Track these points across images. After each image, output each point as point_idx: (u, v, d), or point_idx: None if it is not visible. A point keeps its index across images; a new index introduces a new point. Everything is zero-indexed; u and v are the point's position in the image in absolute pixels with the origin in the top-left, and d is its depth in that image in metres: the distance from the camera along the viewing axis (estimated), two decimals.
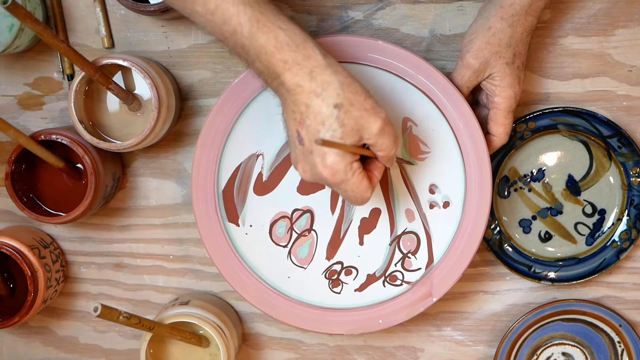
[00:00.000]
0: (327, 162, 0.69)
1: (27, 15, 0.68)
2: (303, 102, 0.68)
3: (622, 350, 0.91)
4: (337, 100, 0.68)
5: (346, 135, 0.69)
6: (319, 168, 0.70)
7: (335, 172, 0.70)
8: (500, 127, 0.83)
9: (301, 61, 0.68)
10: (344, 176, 0.70)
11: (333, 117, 0.68)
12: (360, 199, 0.73)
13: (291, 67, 0.68)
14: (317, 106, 0.68)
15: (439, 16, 0.88)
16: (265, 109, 0.85)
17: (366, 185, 0.72)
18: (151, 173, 0.93)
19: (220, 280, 0.93)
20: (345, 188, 0.71)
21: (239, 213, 0.88)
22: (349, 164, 0.70)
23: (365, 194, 0.72)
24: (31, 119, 0.93)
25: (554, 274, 0.90)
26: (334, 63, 0.69)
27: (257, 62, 0.69)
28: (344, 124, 0.68)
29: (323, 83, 0.68)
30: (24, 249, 0.87)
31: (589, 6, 0.88)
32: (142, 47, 0.90)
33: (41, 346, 0.96)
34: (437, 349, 0.94)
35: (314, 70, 0.68)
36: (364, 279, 0.88)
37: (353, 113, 0.69)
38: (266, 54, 0.68)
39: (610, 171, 0.89)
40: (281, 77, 0.68)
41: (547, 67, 0.89)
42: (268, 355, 0.95)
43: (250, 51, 0.68)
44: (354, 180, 0.71)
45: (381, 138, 0.70)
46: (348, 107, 0.68)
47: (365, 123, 0.69)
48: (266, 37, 0.67)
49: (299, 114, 0.69)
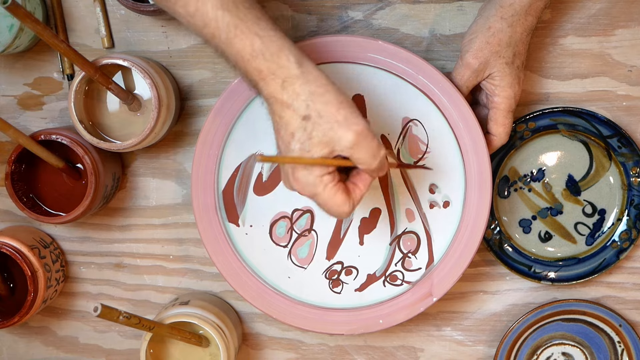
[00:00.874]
0: (296, 175, 0.68)
1: (27, 15, 0.68)
2: (277, 112, 0.67)
3: (622, 350, 0.91)
4: (305, 111, 0.66)
5: (314, 147, 0.67)
6: (290, 180, 0.69)
7: (304, 186, 0.68)
8: (500, 127, 0.83)
9: (275, 70, 0.66)
10: (314, 189, 0.68)
11: (301, 130, 0.66)
12: (336, 212, 0.70)
13: (265, 77, 0.67)
14: (288, 117, 0.67)
15: (439, 16, 0.88)
16: (265, 109, 0.85)
17: (341, 199, 0.69)
18: (151, 173, 0.93)
19: (220, 280, 0.93)
20: (318, 201, 0.70)
21: (239, 213, 0.88)
22: (319, 177, 0.68)
23: (341, 207, 0.69)
24: (31, 119, 0.93)
25: (554, 274, 0.90)
26: (309, 71, 0.67)
27: (236, 68, 0.68)
28: (312, 136, 0.66)
29: (293, 94, 0.66)
30: (24, 249, 0.87)
31: (589, 6, 0.88)
32: (142, 47, 0.90)
33: (41, 346, 0.96)
34: (437, 349, 0.94)
35: (286, 81, 0.66)
36: (364, 278, 0.88)
37: (322, 125, 0.66)
38: (242, 60, 0.67)
39: (610, 171, 0.89)
40: (258, 85, 0.68)
41: (547, 67, 0.89)
42: (268, 355, 0.95)
43: (229, 57, 0.68)
44: (325, 194, 0.69)
45: (357, 152, 0.67)
46: (316, 119, 0.66)
47: (334, 135, 0.66)
48: (242, 44, 0.66)
49: (275, 123, 0.68)
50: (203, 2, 0.66)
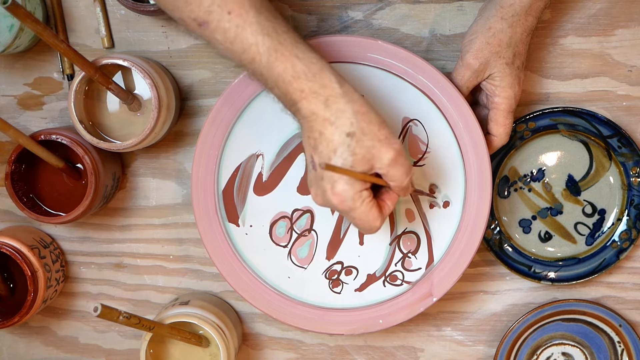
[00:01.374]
0: (336, 189, 0.70)
1: (27, 15, 0.68)
2: (317, 129, 0.69)
3: (622, 350, 0.91)
4: (350, 128, 0.69)
5: (357, 163, 0.69)
6: (329, 194, 0.71)
7: (343, 200, 0.70)
8: (500, 128, 0.83)
9: (317, 90, 0.69)
10: (352, 204, 0.71)
11: (345, 146, 0.69)
12: (369, 227, 0.73)
13: (307, 96, 0.69)
14: (329, 134, 0.69)
15: (439, 16, 0.88)
16: (265, 109, 0.85)
17: (375, 215, 0.72)
18: (151, 173, 0.93)
19: (220, 280, 0.93)
20: (353, 216, 0.72)
21: (239, 213, 0.88)
22: (358, 192, 0.70)
23: (374, 223, 0.73)
24: (31, 119, 0.93)
25: (554, 274, 0.90)
26: (351, 92, 0.70)
27: (275, 89, 0.70)
28: (355, 152, 0.69)
29: (337, 111, 0.69)
30: (24, 249, 0.87)
31: (589, 6, 0.88)
32: (142, 47, 0.90)
33: (41, 346, 0.96)
34: (437, 349, 0.94)
35: (329, 99, 0.69)
36: (364, 278, 0.88)
37: (365, 142, 0.69)
38: (284, 82, 0.69)
39: (610, 171, 0.89)
40: (297, 104, 0.69)
41: (547, 67, 0.89)
42: (268, 355, 0.95)
43: (269, 79, 0.70)
44: (362, 208, 0.71)
45: (393, 169, 0.71)
46: (360, 136, 0.69)
47: (377, 153, 0.70)
48: (284, 67, 0.69)
49: (313, 140, 0.70)
50: (243, 28, 0.68)
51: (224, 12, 0.68)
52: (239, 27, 0.68)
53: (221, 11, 0.68)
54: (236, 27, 0.68)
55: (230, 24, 0.68)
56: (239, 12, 0.68)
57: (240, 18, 0.68)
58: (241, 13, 0.68)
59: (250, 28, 0.68)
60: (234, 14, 0.68)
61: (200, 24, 0.69)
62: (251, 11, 0.69)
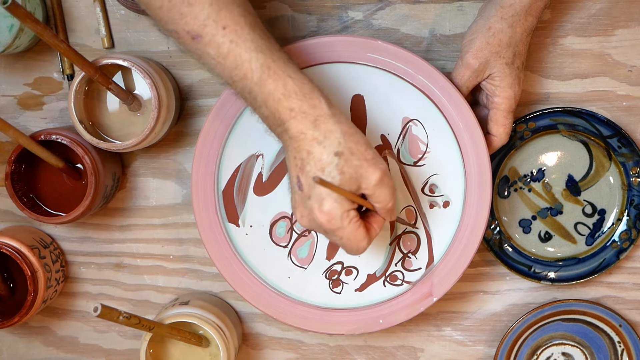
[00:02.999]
0: (324, 207, 0.70)
1: (27, 15, 0.68)
2: (305, 148, 0.70)
3: (622, 350, 0.91)
4: (338, 148, 0.69)
5: (344, 183, 0.70)
6: (316, 213, 0.70)
7: (331, 219, 0.70)
8: (500, 128, 0.83)
9: (307, 110, 0.69)
10: (339, 223, 0.71)
11: (333, 165, 0.69)
12: (355, 248, 0.73)
13: (296, 115, 0.69)
14: (318, 153, 0.69)
15: (439, 16, 0.88)
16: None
17: (362, 235, 0.72)
18: (151, 173, 0.93)
19: (220, 280, 0.93)
20: (340, 235, 0.72)
21: (239, 213, 0.88)
22: (346, 212, 0.70)
23: (360, 243, 0.73)
24: (31, 119, 0.93)
25: (554, 274, 0.90)
26: (338, 113, 0.71)
27: (263, 108, 0.71)
28: (343, 171, 0.69)
29: (326, 131, 0.69)
30: (24, 249, 0.87)
31: (589, 6, 0.88)
32: (142, 47, 0.90)
33: (41, 346, 0.96)
34: (437, 349, 0.94)
35: (318, 119, 0.69)
36: (364, 279, 0.88)
37: (353, 162, 0.70)
38: (274, 100, 0.69)
39: (610, 171, 0.89)
40: (286, 124, 0.70)
41: (547, 67, 0.89)
42: (268, 355, 0.95)
43: (258, 97, 0.70)
44: (349, 228, 0.71)
45: (379, 189, 0.71)
46: (348, 156, 0.69)
47: (364, 172, 0.70)
48: (275, 85, 0.69)
49: (300, 160, 0.70)
50: (237, 44, 0.69)
51: (218, 26, 0.68)
52: (232, 42, 0.69)
53: (216, 26, 0.68)
54: (230, 42, 0.69)
55: (225, 39, 0.69)
56: (233, 27, 0.69)
57: (234, 34, 0.69)
58: (236, 29, 0.69)
59: (245, 44, 0.69)
60: (228, 30, 0.69)
61: (193, 37, 0.69)
62: (246, 27, 0.69)
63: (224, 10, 0.69)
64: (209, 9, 0.68)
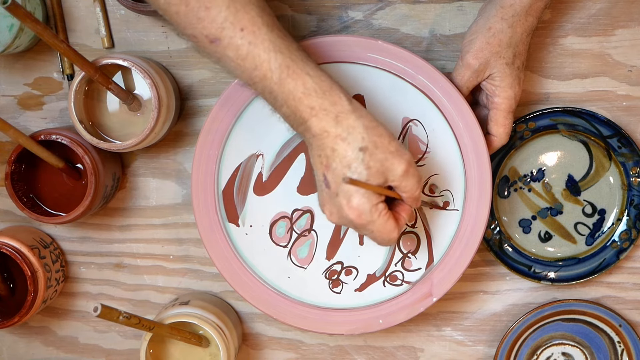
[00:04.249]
0: (353, 203, 0.70)
1: (27, 15, 0.68)
2: (329, 146, 0.70)
3: (622, 350, 0.91)
4: (362, 143, 0.69)
5: (372, 177, 0.70)
6: (345, 210, 0.71)
7: (361, 214, 0.71)
8: (500, 128, 0.83)
9: (327, 107, 0.69)
10: (369, 217, 0.71)
11: (359, 160, 0.69)
12: (387, 239, 0.73)
13: (317, 113, 0.69)
14: (342, 150, 0.69)
15: (439, 16, 0.88)
16: (265, 109, 0.85)
17: (392, 226, 0.73)
18: (151, 173, 0.93)
19: (220, 280, 0.93)
20: (371, 229, 0.72)
21: (239, 213, 0.88)
22: (374, 205, 0.71)
23: (391, 234, 0.73)
24: (31, 119, 0.93)
25: (554, 274, 0.90)
26: (359, 108, 0.71)
27: (284, 107, 0.71)
28: (370, 166, 0.70)
29: (348, 127, 0.69)
30: (24, 249, 0.87)
31: (589, 6, 0.88)
32: (142, 47, 0.90)
33: (41, 346, 0.96)
34: (437, 349, 0.94)
35: (339, 115, 0.70)
36: (364, 279, 0.88)
37: (378, 155, 0.70)
38: (294, 99, 0.69)
39: (610, 171, 0.89)
40: (307, 122, 0.70)
41: (547, 67, 0.89)
42: (268, 355, 0.95)
43: (279, 96, 0.70)
44: (379, 221, 0.72)
45: (405, 180, 0.71)
46: (373, 150, 0.70)
47: (390, 165, 0.70)
48: (295, 84, 0.69)
49: (325, 157, 0.70)
50: (255, 45, 0.69)
51: (236, 28, 0.68)
52: (251, 44, 0.69)
53: (234, 28, 0.68)
54: (249, 43, 0.69)
55: (243, 40, 0.69)
56: (251, 29, 0.69)
57: (252, 35, 0.69)
58: (254, 30, 0.69)
59: (263, 45, 0.69)
60: (246, 31, 0.69)
61: (212, 40, 0.69)
62: (263, 28, 0.69)
63: (241, 12, 0.68)
64: (226, 11, 0.68)
